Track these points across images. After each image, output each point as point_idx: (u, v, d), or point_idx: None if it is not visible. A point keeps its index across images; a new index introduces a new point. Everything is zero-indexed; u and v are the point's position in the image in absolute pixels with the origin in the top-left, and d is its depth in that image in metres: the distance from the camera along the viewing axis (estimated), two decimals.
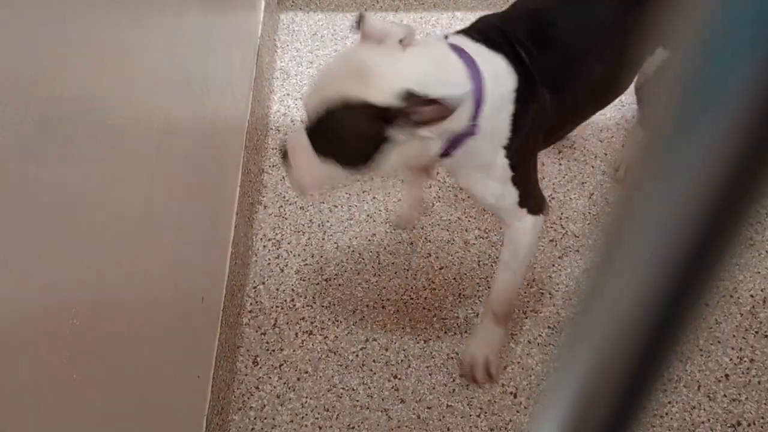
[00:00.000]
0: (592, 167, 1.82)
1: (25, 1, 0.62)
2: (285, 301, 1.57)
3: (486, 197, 1.22)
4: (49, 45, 0.67)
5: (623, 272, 0.22)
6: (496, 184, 1.19)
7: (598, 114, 1.36)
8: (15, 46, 0.61)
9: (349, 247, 1.66)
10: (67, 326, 0.71)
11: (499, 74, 1.10)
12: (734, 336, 1.51)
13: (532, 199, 1.24)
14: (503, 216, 1.27)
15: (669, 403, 1.43)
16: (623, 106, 1.92)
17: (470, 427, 1.39)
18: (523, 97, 1.12)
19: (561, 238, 1.68)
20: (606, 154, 1.85)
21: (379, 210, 1.73)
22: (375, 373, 1.46)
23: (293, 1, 2.26)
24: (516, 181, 1.19)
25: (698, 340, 1.51)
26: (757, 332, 1.52)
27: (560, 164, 1.83)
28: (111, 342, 0.84)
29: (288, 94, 1.99)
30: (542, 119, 1.17)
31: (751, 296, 1.58)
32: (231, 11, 1.56)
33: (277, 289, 1.59)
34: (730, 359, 1.48)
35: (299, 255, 1.65)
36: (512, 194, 1.21)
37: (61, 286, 0.71)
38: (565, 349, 0.26)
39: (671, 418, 1.40)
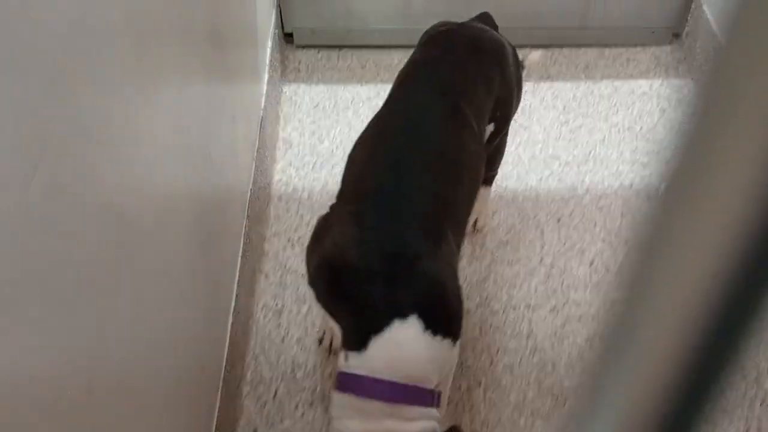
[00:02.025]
0: (592, 235, 1.83)
1: (31, 69, 0.64)
2: (285, 371, 1.55)
3: None
4: (55, 113, 0.69)
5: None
6: None
7: (596, 182, 1.38)
8: (21, 114, 0.62)
9: None
10: (64, 397, 0.71)
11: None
12: (740, 407, 1.49)
13: None
14: None
15: None
16: (620, 175, 1.94)
17: None
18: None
19: (562, 307, 1.68)
20: (605, 222, 1.86)
21: None
22: None
23: (296, 74, 2.32)
24: None
25: None
26: (762, 402, 1.50)
27: (560, 232, 1.83)
28: (108, 414, 0.83)
29: (290, 164, 2.01)
30: None
31: (756, 365, 1.56)
32: (235, 83, 1.60)
33: (278, 359, 1.58)
34: (737, 430, 1.46)
35: (300, 324, 1.64)
36: None
37: (58, 355, 0.71)
38: None
39: None
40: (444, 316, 1.15)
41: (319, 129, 2.12)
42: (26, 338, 0.64)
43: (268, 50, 2.05)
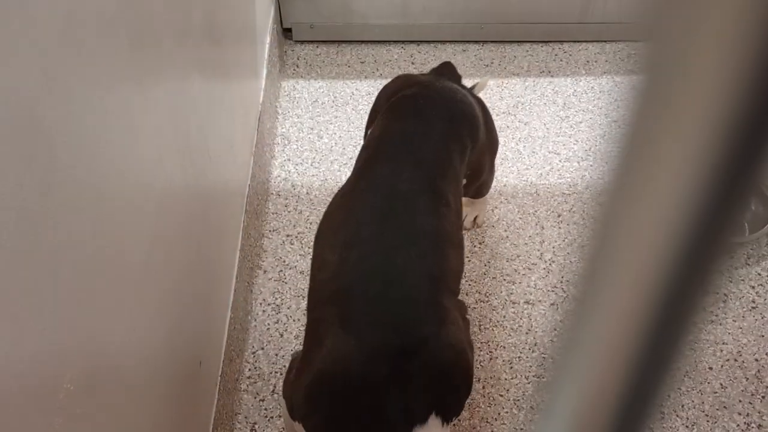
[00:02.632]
0: (585, 229, 1.83)
1: (27, 66, 0.64)
2: (284, 366, 1.55)
3: None
4: (51, 110, 0.68)
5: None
6: None
7: (596, 177, 1.37)
8: (16, 112, 0.62)
9: None
10: (62, 391, 0.71)
11: None
12: (740, 401, 1.49)
13: None
14: None
15: None
16: None
17: None
18: None
19: (562, 303, 1.67)
20: None
21: None
22: None
23: (294, 70, 2.31)
24: None
25: (704, 405, 1.48)
26: (763, 397, 1.50)
27: (560, 228, 1.83)
28: (106, 408, 0.83)
29: (289, 160, 2.01)
30: None
31: (756, 360, 1.56)
32: (233, 79, 1.59)
33: (276, 355, 1.57)
34: (737, 425, 1.45)
35: (299, 320, 1.64)
36: None
37: (57, 350, 0.70)
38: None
39: None
40: (458, 401, 1.08)
41: (318, 125, 2.12)
42: (22, 333, 0.63)
43: (267, 45, 2.05)
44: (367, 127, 1.51)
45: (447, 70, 1.57)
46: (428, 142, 1.28)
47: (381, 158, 1.27)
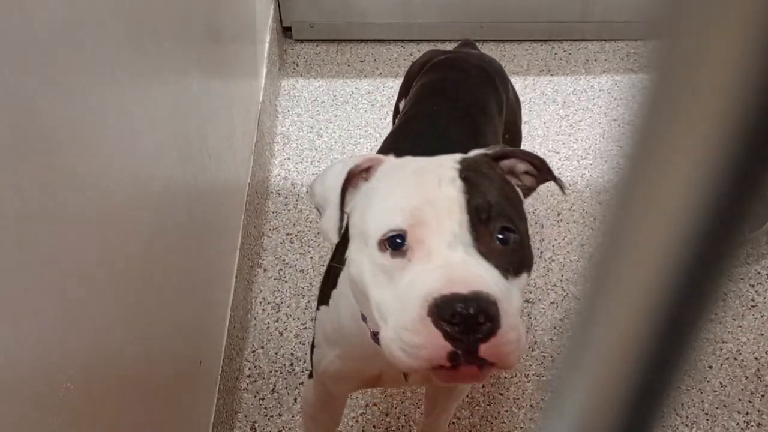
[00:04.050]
0: (592, 229, 1.83)
1: (25, 63, 0.64)
2: (284, 365, 1.55)
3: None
4: (50, 109, 0.68)
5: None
6: None
7: (596, 176, 1.37)
8: (14, 111, 0.62)
9: None
10: (61, 390, 0.70)
11: None
12: (740, 400, 1.49)
13: None
14: None
15: None
16: None
17: None
18: None
19: (562, 301, 1.67)
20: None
21: None
22: None
23: (294, 68, 2.31)
24: None
25: (704, 404, 1.48)
26: (763, 396, 1.50)
27: (560, 226, 1.83)
28: (105, 407, 0.82)
29: (288, 158, 2.01)
30: None
31: (756, 359, 1.56)
32: (233, 77, 1.59)
33: (276, 353, 1.57)
34: (737, 423, 1.45)
35: (299, 318, 1.63)
36: None
37: (56, 348, 0.70)
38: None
39: None
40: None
41: (318, 123, 2.11)
42: (22, 332, 0.63)
43: (267, 44, 2.05)
44: (398, 101, 1.53)
45: (471, 46, 1.61)
46: (472, 92, 1.32)
47: (426, 101, 1.31)
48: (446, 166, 0.80)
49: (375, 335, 0.82)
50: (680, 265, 0.20)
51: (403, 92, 1.51)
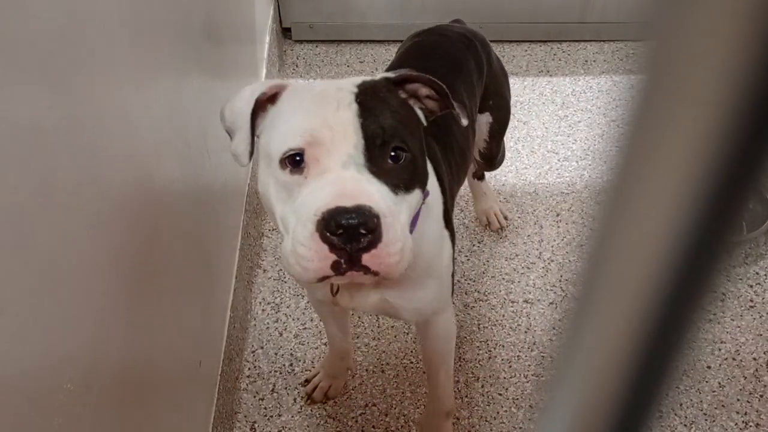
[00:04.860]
0: (588, 229, 1.83)
1: (27, 64, 0.64)
2: (284, 365, 1.55)
3: (428, 301, 1.07)
4: (50, 108, 0.68)
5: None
6: (436, 279, 1.05)
7: (595, 176, 1.37)
8: (16, 110, 0.62)
9: None
10: (62, 391, 0.71)
11: None
12: (739, 400, 1.49)
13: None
14: (434, 312, 1.12)
15: None
16: None
17: None
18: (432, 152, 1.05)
19: (561, 301, 1.67)
20: None
21: None
22: None
23: (294, 69, 2.31)
24: (452, 260, 1.08)
25: (702, 404, 1.48)
26: (761, 396, 1.50)
27: (559, 227, 1.83)
28: (105, 407, 0.83)
29: None
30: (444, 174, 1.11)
31: (754, 359, 1.56)
32: (233, 78, 1.59)
33: (276, 354, 1.57)
34: (735, 424, 1.45)
35: (298, 319, 1.64)
36: (448, 283, 1.09)
37: (56, 349, 0.70)
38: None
39: None
40: None
41: None
42: (22, 333, 0.63)
43: (266, 45, 2.05)
44: None
45: (458, 23, 1.62)
46: (451, 52, 1.33)
47: (399, 58, 1.35)
48: (345, 90, 0.84)
49: None
50: (672, 264, 0.20)
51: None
